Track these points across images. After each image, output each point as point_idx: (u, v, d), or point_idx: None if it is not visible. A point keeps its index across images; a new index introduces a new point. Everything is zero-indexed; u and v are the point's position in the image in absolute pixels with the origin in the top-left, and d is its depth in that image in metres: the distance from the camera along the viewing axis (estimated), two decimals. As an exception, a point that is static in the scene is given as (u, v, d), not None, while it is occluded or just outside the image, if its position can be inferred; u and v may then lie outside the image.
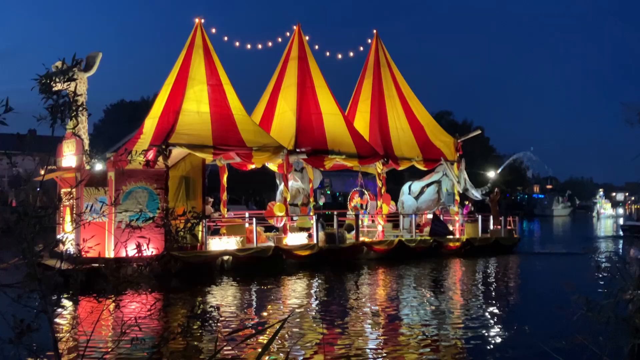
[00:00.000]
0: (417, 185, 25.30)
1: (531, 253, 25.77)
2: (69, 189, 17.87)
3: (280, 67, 22.98)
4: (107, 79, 67.62)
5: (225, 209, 22.21)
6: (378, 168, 22.62)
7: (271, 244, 19.30)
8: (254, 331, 10.16)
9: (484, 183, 26.33)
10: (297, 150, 20.25)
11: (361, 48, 25.05)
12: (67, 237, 14.79)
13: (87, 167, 17.16)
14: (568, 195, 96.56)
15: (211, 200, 21.96)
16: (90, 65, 17.98)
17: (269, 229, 21.72)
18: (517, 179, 74.20)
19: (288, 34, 23.16)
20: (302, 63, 22.36)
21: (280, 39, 23.02)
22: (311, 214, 21.57)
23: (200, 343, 9.21)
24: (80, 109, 3.19)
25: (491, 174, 30.04)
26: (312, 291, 15.86)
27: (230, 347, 8.09)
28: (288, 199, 20.43)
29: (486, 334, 10.27)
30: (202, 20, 20.26)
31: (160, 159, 17.27)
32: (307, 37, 23.12)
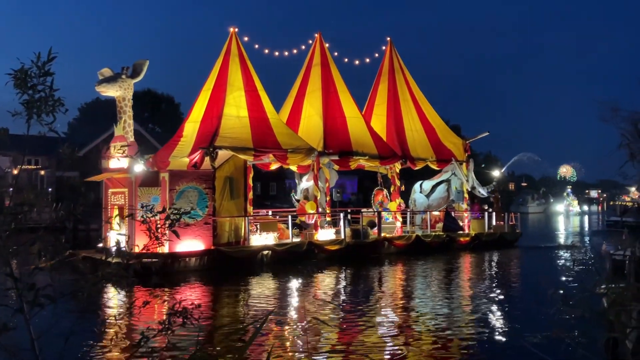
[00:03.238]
0: (427, 184, 26.96)
1: (530, 247, 27.63)
2: (121, 189, 18.94)
3: (304, 73, 24.32)
4: (83, 76, 64.38)
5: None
6: (397, 168, 24.16)
7: (302, 239, 20.66)
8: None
9: (489, 181, 28.21)
10: (327, 151, 21.64)
11: (376, 55, 26.62)
12: (115, 234, 16.47)
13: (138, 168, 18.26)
14: (542, 192, 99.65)
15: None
16: (137, 72, 19.04)
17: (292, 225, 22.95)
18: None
19: (310, 41, 24.53)
20: (324, 69, 23.75)
21: (303, 47, 24.38)
22: (328, 211, 22.99)
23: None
24: (57, 104, 3.02)
25: (496, 173, 32.02)
26: (342, 283, 17.18)
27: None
28: (318, 197, 21.79)
29: (476, 330, 10.62)
30: (236, 30, 21.45)
31: (207, 159, 18.44)
32: (327, 45, 24.52)
